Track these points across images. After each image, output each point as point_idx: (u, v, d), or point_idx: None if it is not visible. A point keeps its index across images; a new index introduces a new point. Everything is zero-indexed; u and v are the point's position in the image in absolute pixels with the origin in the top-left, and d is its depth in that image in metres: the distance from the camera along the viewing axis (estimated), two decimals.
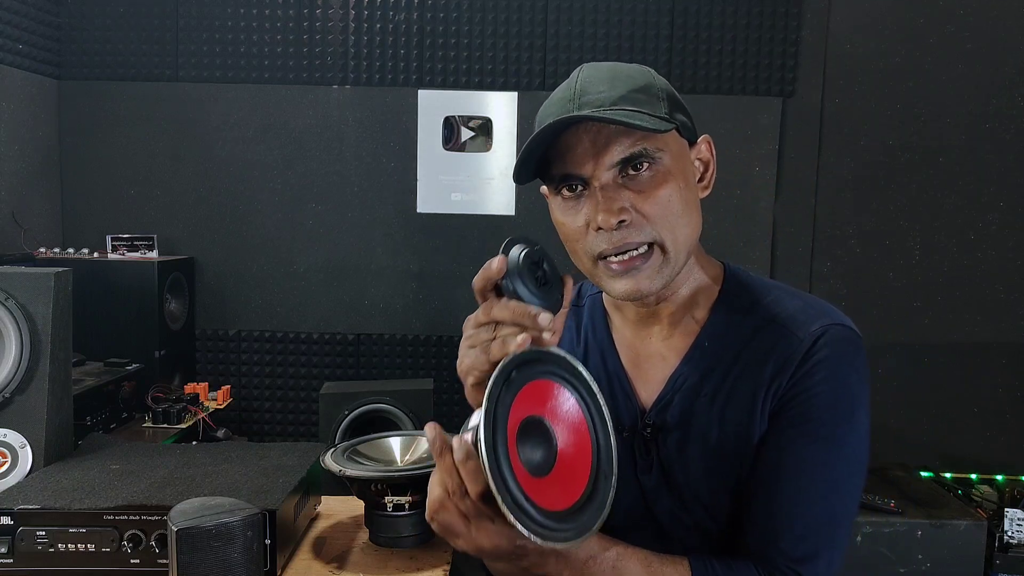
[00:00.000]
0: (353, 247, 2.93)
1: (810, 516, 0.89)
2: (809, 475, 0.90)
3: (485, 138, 2.89)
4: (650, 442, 0.97)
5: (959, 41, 2.82)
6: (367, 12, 2.85)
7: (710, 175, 0.98)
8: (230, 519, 0.92)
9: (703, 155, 0.97)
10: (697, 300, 0.99)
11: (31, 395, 1.25)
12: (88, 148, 2.89)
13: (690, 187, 0.93)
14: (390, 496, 1.13)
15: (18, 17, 2.60)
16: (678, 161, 0.91)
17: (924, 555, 2.33)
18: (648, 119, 0.86)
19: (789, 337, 0.92)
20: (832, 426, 0.90)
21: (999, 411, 2.90)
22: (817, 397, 0.90)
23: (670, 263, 0.91)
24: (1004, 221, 2.86)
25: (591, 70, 0.92)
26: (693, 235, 0.93)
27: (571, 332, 1.08)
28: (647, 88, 0.90)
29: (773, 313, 0.95)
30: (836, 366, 0.91)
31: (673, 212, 0.89)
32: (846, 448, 0.91)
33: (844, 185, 2.89)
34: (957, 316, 2.89)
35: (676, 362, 0.98)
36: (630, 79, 0.90)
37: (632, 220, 0.88)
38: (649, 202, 0.88)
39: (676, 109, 0.92)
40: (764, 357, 0.92)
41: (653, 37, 2.84)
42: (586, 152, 0.88)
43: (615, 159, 0.88)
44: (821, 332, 0.91)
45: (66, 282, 1.32)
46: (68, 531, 1.04)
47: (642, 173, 0.88)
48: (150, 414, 2.27)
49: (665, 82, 0.94)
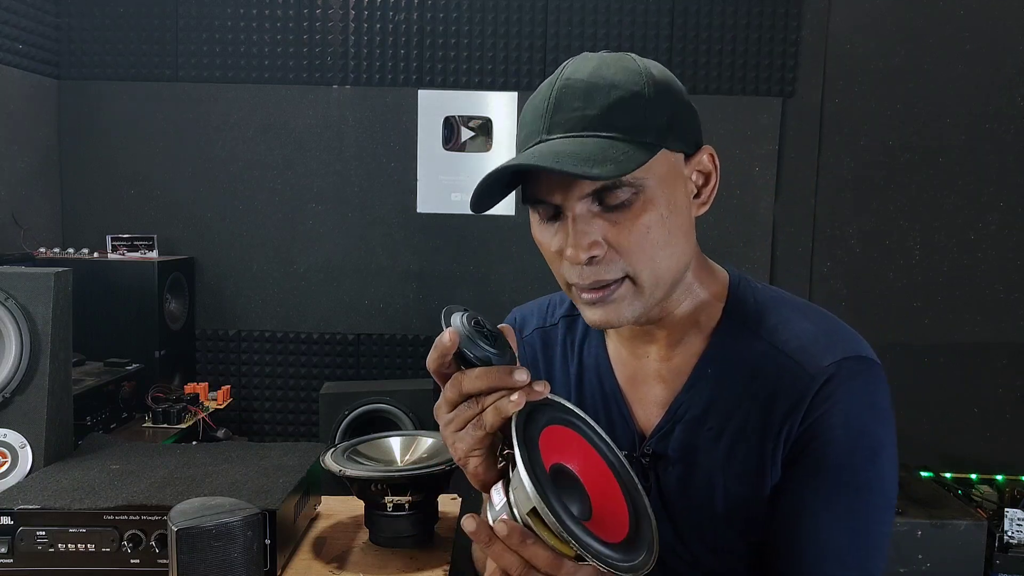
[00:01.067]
0: (353, 247, 2.93)
1: (846, 570, 0.84)
2: (839, 527, 0.84)
3: (485, 138, 2.89)
4: (648, 470, 0.91)
5: (959, 41, 2.82)
6: (367, 12, 2.85)
7: (710, 189, 0.88)
8: (230, 519, 0.92)
9: (704, 166, 0.88)
10: (698, 319, 0.91)
11: (31, 395, 1.25)
12: (88, 148, 2.89)
13: (679, 211, 0.84)
14: (390, 496, 1.13)
15: (18, 17, 2.60)
16: (665, 184, 0.82)
17: (924, 555, 2.33)
18: (620, 156, 0.77)
19: (799, 372, 0.84)
20: (853, 472, 0.84)
21: (999, 411, 2.90)
22: (834, 443, 0.83)
23: (644, 295, 0.84)
24: (1004, 221, 2.86)
25: (572, 72, 0.83)
26: (677, 264, 0.86)
27: (560, 346, 1.02)
28: (633, 99, 0.80)
29: (781, 339, 0.87)
30: (852, 407, 0.84)
31: (652, 243, 0.82)
32: (872, 495, 0.85)
33: (844, 185, 2.89)
34: (957, 316, 2.89)
35: (676, 386, 0.91)
36: (612, 88, 0.80)
37: (603, 255, 0.81)
38: (624, 234, 0.81)
39: (669, 121, 0.82)
40: (773, 394, 0.85)
41: (653, 37, 2.84)
42: (558, 181, 0.80)
43: (586, 191, 0.80)
44: (833, 370, 0.83)
45: (66, 282, 1.32)
46: (68, 531, 1.04)
47: (620, 202, 0.80)
48: (150, 414, 2.27)
49: (655, 76, 0.83)
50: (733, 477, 0.87)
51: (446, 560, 1.15)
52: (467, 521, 0.72)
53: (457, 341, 0.73)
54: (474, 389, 0.73)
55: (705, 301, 0.92)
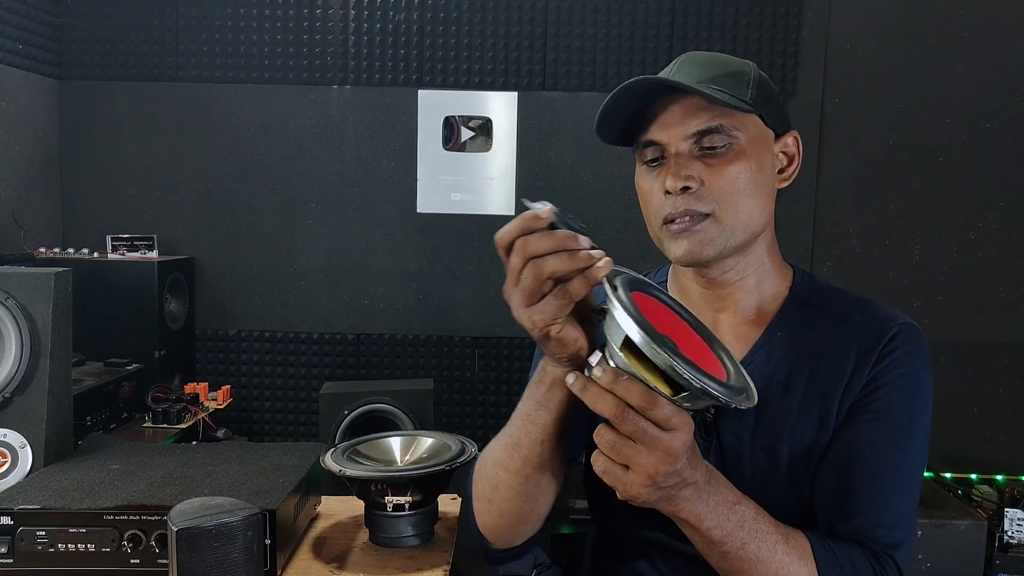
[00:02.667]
0: (353, 247, 2.93)
1: (899, 506, 0.93)
2: (894, 467, 0.93)
3: (485, 138, 2.89)
4: (711, 426, 0.98)
5: (959, 41, 2.82)
6: (367, 12, 2.85)
7: (793, 168, 1.03)
8: (230, 519, 0.92)
9: (789, 148, 1.02)
10: (766, 295, 1.02)
11: (31, 395, 1.25)
12: (88, 148, 2.89)
13: (764, 172, 0.97)
14: (390, 496, 1.13)
15: (18, 17, 2.60)
16: (755, 145, 0.95)
17: (924, 555, 2.33)
18: (727, 97, 0.90)
19: (866, 333, 0.96)
20: (910, 418, 0.94)
21: (999, 411, 2.89)
22: (897, 391, 0.94)
23: (724, 234, 0.94)
24: (1004, 221, 2.86)
25: (691, 55, 0.99)
26: (758, 217, 0.97)
27: None
28: (738, 75, 0.95)
29: (847, 311, 1.00)
30: (911, 361, 0.96)
31: (738, 190, 0.93)
32: (920, 443, 0.95)
33: (844, 185, 2.89)
34: (957, 316, 2.89)
35: (745, 349, 1.00)
36: (725, 65, 0.96)
37: (697, 190, 0.93)
38: (717, 176, 0.93)
39: (764, 99, 0.95)
40: (842, 350, 0.96)
41: (653, 37, 2.84)
42: (667, 121, 0.94)
43: (691, 130, 0.93)
44: (897, 329, 0.97)
45: (66, 282, 1.32)
46: (68, 531, 1.04)
47: (716, 148, 0.93)
48: (150, 414, 2.27)
49: (764, 76, 0.98)
50: (800, 426, 0.95)
51: (446, 560, 1.15)
52: (569, 376, 0.75)
53: (553, 213, 0.75)
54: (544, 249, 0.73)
55: (774, 281, 1.03)
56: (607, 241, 3.16)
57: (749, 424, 0.96)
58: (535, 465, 0.91)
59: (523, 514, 0.97)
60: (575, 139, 2.86)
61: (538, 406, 0.87)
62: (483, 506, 1.00)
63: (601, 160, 2.84)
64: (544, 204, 0.76)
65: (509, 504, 0.95)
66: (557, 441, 0.89)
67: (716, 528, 0.81)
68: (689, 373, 0.68)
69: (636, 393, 0.71)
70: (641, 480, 0.74)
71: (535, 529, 1.00)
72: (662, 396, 0.71)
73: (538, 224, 0.74)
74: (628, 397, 0.71)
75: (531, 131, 2.86)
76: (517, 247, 0.74)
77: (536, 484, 0.93)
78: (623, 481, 0.75)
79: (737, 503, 0.83)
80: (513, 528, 0.99)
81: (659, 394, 0.71)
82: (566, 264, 0.72)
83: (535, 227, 0.74)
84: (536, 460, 0.90)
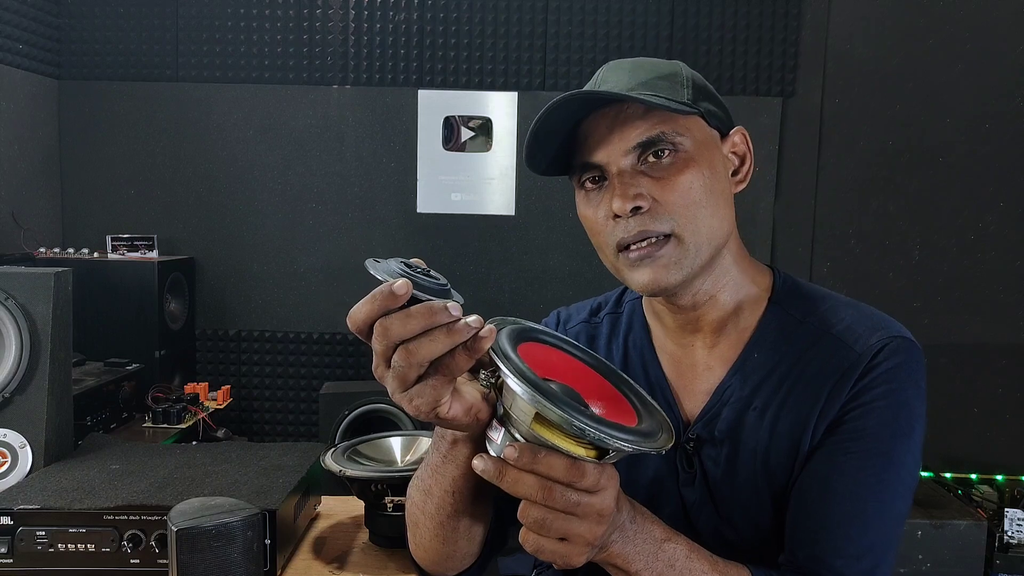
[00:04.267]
0: (353, 247, 2.92)
1: (866, 537, 0.85)
2: (866, 494, 0.86)
3: (485, 138, 2.89)
4: (693, 456, 0.93)
5: (959, 41, 2.82)
6: (367, 12, 2.85)
7: (746, 169, 0.94)
8: (230, 519, 0.92)
9: (738, 147, 0.94)
10: (742, 308, 0.94)
11: (31, 395, 1.25)
12: (88, 148, 2.89)
13: (717, 177, 0.88)
14: (391, 496, 1.13)
15: (18, 17, 2.60)
16: (703, 149, 0.87)
17: (924, 555, 2.33)
18: (663, 100, 0.83)
19: (847, 351, 0.88)
20: (890, 443, 0.87)
21: (999, 411, 2.89)
22: (876, 412, 0.87)
23: (689, 254, 0.86)
24: (1004, 221, 2.86)
25: (614, 64, 0.91)
26: (719, 227, 0.88)
27: (605, 339, 1.04)
28: (671, 76, 0.88)
29: (829, 323, 0.91)
30: (895, 380, 0.87)
31: (693, 200, 0.85)
32: (902, 468, 0.87)
33: (844, 185, 2.89)
34: (957, 316, 2.89)
35: (722, 373, 0.93)
36: (654, 68, 0.88)
37: (649, 208, 0.85)
38: (667, 189, 0.85)
39: (703, 98, 0.89)
40: (820, 371, 0.89)
41: (653, 37, 2.84)
42: (602, 138, 0.86)
43: (630, 144, 0.85)
44: (880, 345, 0.88)
45: (66, 282, 1.32)
46: (68, 531, 1.04)
47: (662, 160, 0.85)
48: (150, 414, 2.27)
49: (695, 74, 0.91)
50: (776, 452, 0.89)
51: None
52: (476, 461, 0.68)
53: (409, 287, 0.63)
54: (412, 331, 0.63)
55: (750, 292, 0.95)
56: None
57: (728, 452, 0.91)
58: (448, 513, 0.85)
59: (445, 553, 0.90)
60: None
61: (444, 460, 0.81)
62: (409, 535, 0.94)
63: None
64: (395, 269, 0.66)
65: (429, 543, 0.89)
66: (469, 493, 0.83)
67: (646, 570, 0.77)
68: (599, 430, 0.62)
69: (561, 468, 0.65)
70: (581, 549, 0.70)
71: (467, 563, 0.93)
72: (586, 461, 0.66)
73: (396, 303, 0.63)
74: (553, 473, 0.65)
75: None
76: (377, 333, 0.64)
77: (452, 529, 0.86)
78: (563, 555, 0.70)
79: (666, 540, 0.78)
80: (439, 563, 0.92)
81: (582, 460, 0.65)
82: (443, 344, 0.64)
83: (393, 306, 0.64)
84: (449, 509, 0.84)
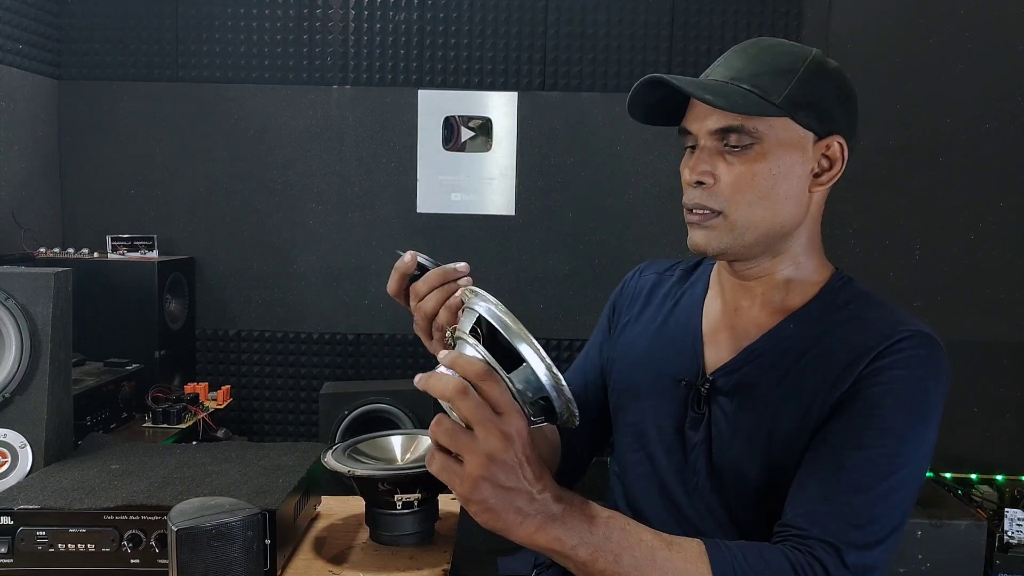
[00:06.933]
0: (353, 247, 2.93)
1: (870, 510, 0.85)
2: (875, 470, 0.86)
3: (485, 138, 2.89)
4: (704, 400, 0.99)
5: (959, 41, 2.82)
6: (367, 12, 2.85)
7: (831, 175, 1.00)
8: (230, 519, 0.92)
9: (832, 153, 0.99)
10: (793, 289, 1.00)
11: (31, 395, 1.25)
12: (88, 148, 2.89)
13: (787, 176, 0.94)
14: (400, 494, 1.13)
15: (18, 17, 2.60)
16: (781, 147, 0.93)
17: (924, 555, 2.33)
18: (739, 100, 0.90)
19: (873, 332, 0.92)
20: (904, 426, 0.88)
21: (999, 411, 2.89)
22: (891, 393, 0.89)
23: (735, 232, 0.94)
24: (1004, 221, 2.86)
25: (744, 46, 0.98)
26: (773, 220, 0.95)
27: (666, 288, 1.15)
28: (784, 72, 0.93)
29: (866, 311, 0.96)
30: (917, 368, 0.91)
31: (753, 190, 0.93)
32: (914, 452, 0.88)
33: (844, 185, 2.85)
34: (957, 316, 2.89)
35: (756, 336, 1.00)
36: (774, 60, 0.94)
37: (711, 186, 0.94)
38: (733, 173, 0.93)
39: (808, 99, 0.93)
40: (843, 346, 0.92)
41: (653, 37, 2.84)
42: (697, 114, 0.95)
43: (712, 127, 0.93)
44: (909, 334, 0.91)
45: (66, 282, 1.31)
46: (68, 531, 1.04)
47: (740, 146, 0.92)
48: (150, 414, 2.27)
49: (821, 65, 0.95)
50: (783, 414, 0.93)
51: (446, 560, 1.15)
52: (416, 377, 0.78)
53: (415, 257, 0.97)
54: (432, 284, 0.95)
55: (807, 278, 1.01)
56: (606, 241, 3.15)
57: (737, 405, 0.96)
58: None
59: None
60: (575, 139, 2.86)
61: None
62: None
63: (601, 160, 2.84)
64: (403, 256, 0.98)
65: None
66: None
67: (581, 546, 0.77)
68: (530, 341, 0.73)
69: (475, 367, 0.73)
70: (477, 467, 0.72)
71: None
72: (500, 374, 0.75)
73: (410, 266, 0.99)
74: (467, 372, 0.73)
75: (531, 131, 2.86)
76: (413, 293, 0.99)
77: None
78: (460, 475, 0.73)
79: (597, 517, 0.79)
80: None
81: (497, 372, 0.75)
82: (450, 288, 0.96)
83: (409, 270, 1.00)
84: None
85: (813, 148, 0.97)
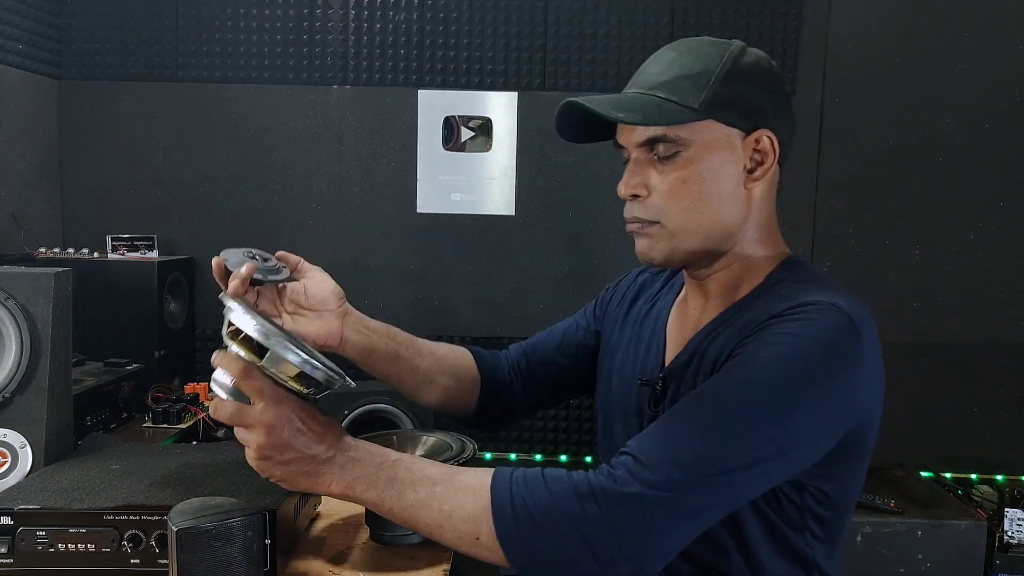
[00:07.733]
0: (353, 247, 2.92)
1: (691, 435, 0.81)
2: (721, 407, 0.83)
3: (485, 138, 2.89)
4: (659, 398, 1.02)
5: (959, 41, 2.82)
6: (367, 12, 2.85)
7: (764, 169, 0.97)
8: (230, 519, 0.92)
9: (762, 147, 0.96)
10: (742, 283, 1.01)
11: (31, 395, 1.25)
12: (88, 148, 2.89)
13: (717, 178, 0.94)
14: None
15: (18, 17, 2.60)
16: (707, 149, 0.93)
17: (924, 555, 2.33)
18: (654, 111, 0.91)
19: (781, 302, 0.89)
20: (772, 377, 0.82)
21: (999, 411, 2.89)
22: (768, 347, 0.84)
23: (672, 239, 0.96)
24: (1004, 221, 2.86)
25: (662, 52, 0.99)
26: (709, 224, 0.96)
27: (651, 292, 1.19)
28: (699, 75, 0.92)
29: (789, 290, 0.93)
30: (806, 329, 0.84)
31: (684, 196, 0.94)
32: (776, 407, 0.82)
33: (843, 185, 2.89)
34: (957, 316, 2.89)
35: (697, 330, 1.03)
36: (689, 64, 0.93)
37: (645, 198, 0.96)
38: (664, 182, 0.95)
39: (732, 96, 0.92)
40: (753, 319, 0.91)
41: (653, 37, 2.84)
42: (624, 128, 0.99)
43: (638, 140, 0.96)
44: (814, 302, 0.86)
45: (66, 282, 1.32)
46: (68, 531, 1.04)
47: (667, 155, 0.94)
48: (150, 414, 2.27)
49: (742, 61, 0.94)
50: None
51: (446, 560, 1.15)
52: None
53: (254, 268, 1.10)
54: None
55: (754, 269, 1.01)
56: (606, 241, 3.14)
57: (679, 393, 0.99)
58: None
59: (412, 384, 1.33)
60: None
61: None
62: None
63: (601, 160, 2.84)
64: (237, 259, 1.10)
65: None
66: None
67: (369, 490, 0.86)
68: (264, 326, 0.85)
69: (235, 366, 0.85)
70: (256, 455, 0.86)
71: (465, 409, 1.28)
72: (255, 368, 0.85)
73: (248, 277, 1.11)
74: (230, 368, 0.85)
75: (531, 131, 2.86)
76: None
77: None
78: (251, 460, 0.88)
79: (384, 461, 0.87)
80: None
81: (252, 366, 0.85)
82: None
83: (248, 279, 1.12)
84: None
85: (742, 145, 0.95)
